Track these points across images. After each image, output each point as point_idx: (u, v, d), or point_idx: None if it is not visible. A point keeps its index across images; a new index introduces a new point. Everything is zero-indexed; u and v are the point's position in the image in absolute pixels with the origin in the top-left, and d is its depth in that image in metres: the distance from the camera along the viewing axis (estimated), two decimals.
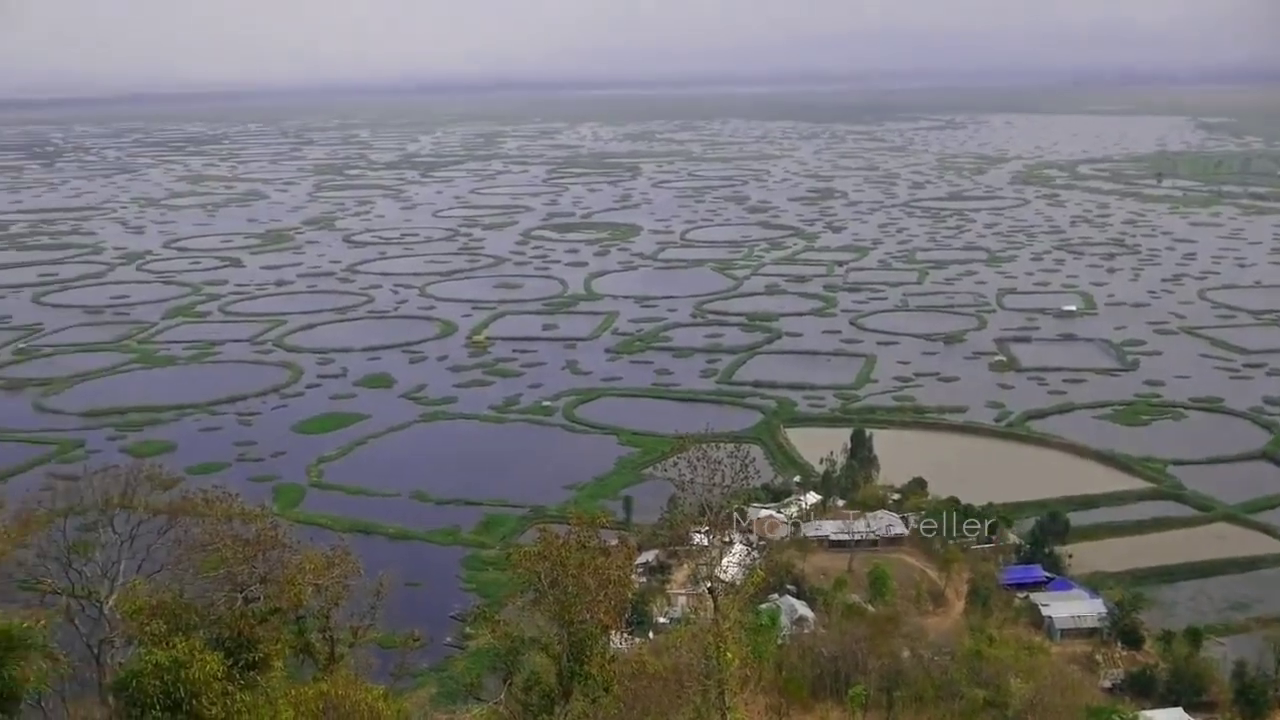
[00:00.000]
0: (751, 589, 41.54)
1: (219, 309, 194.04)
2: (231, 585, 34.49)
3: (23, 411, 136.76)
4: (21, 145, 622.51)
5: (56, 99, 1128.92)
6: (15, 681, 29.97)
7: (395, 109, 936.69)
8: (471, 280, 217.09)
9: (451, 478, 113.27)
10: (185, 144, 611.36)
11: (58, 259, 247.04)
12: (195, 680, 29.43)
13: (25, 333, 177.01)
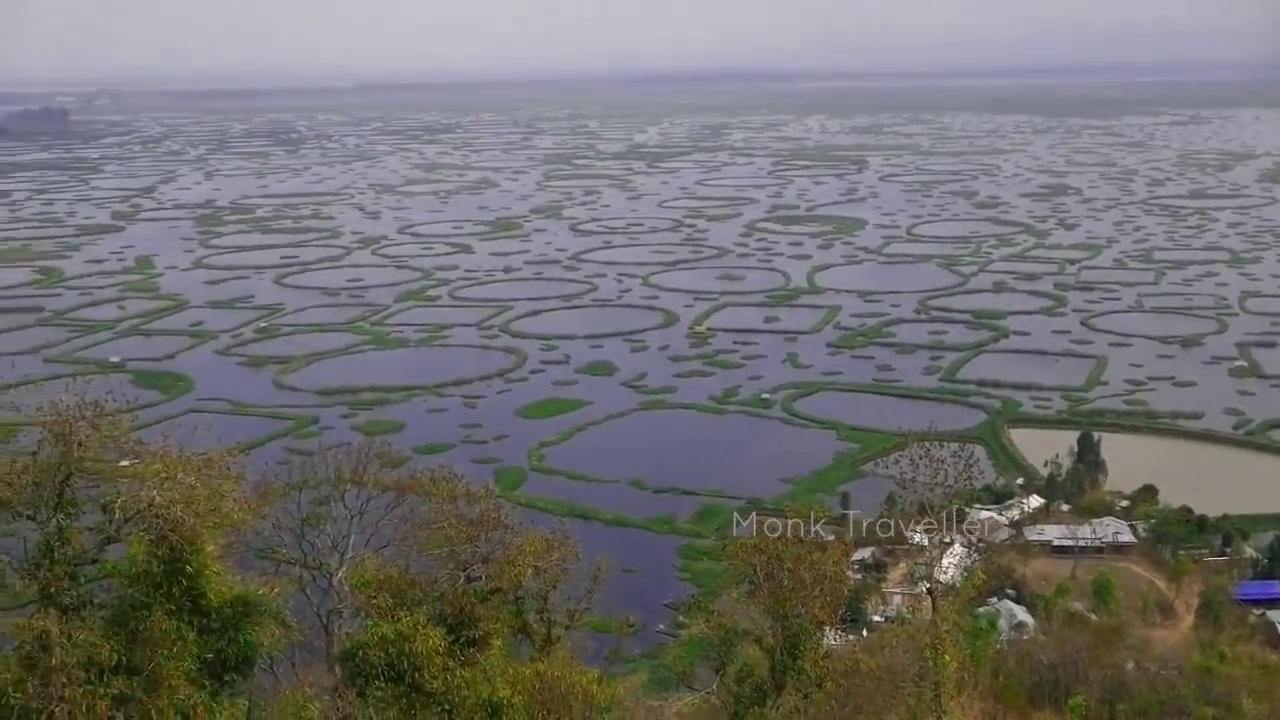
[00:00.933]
0: (970, 591, 40.59)
1: (448, 294, 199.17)
2: (455, 563, 35.28)
3: (264, 387, 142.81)
4: (269, 133, 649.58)
5: (303, 88, 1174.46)
6: (251, 645, 31.15)
7: (624, 100, 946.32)
8: (694, 271, 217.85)
9: (669, 466, 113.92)
10: (421, 133, 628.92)
11: (299, 242, 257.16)
12: (418, 654, 30.22)
13: (267, 312, 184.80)
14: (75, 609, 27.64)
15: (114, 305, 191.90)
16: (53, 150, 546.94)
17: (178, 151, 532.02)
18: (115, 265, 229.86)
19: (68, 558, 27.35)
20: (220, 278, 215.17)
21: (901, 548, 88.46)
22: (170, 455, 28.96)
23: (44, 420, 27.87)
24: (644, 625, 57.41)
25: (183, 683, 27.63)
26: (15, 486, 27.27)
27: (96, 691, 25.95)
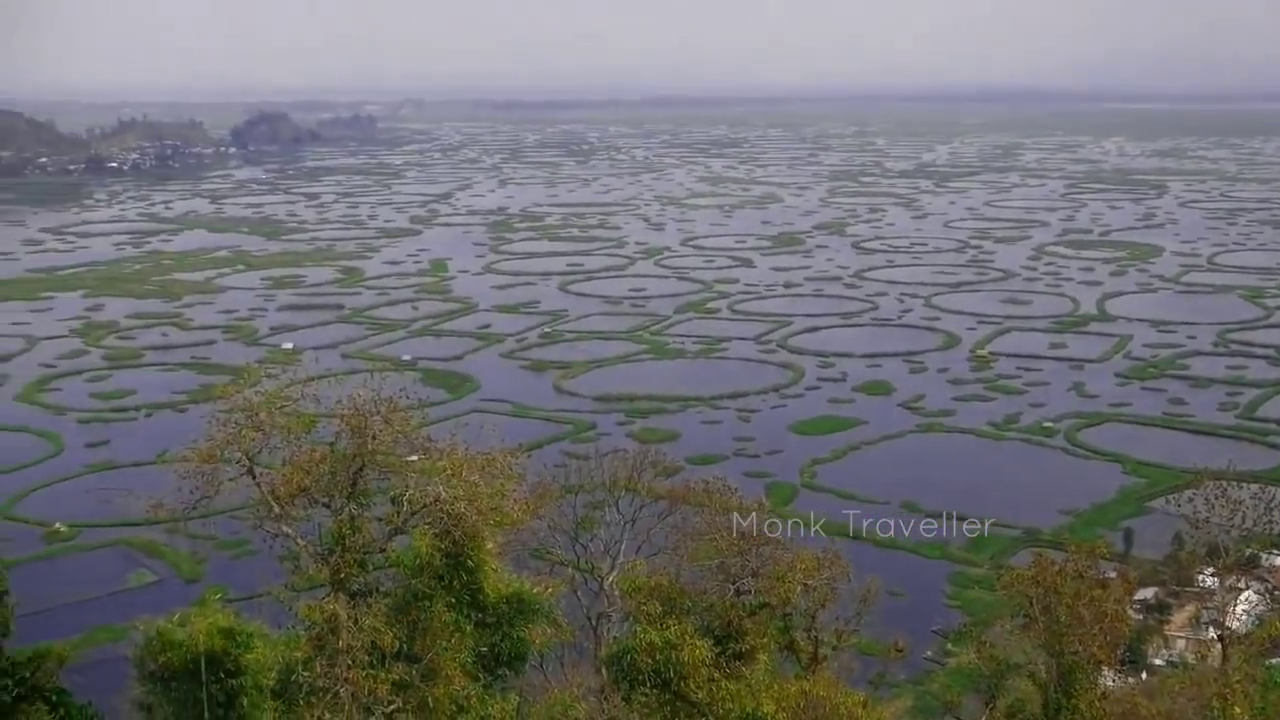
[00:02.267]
0: (1265, 641, 38.50)
1: (728, 307, 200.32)
2: (724, 575, 35.47)
3: (544, 391, 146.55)
4: (561, 143, 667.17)
5: (595, 100, 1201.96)
6: (523, 642, 32.07)
7: (913, 117, 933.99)
8: (978, 293, 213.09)
9: (943, 491, 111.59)
10: (708, 146, 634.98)
11: (585, 251, 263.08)
12: (684, 663, 30.46)
13: (551, 318, 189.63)
14: (362, 595, 28.93)
15: (408, 305, 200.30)
16: (359, 156, 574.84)
17: (474, 160, 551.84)
18: (411, 267, 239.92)
19: (358, 546, 28.65)
20: (508, 283, 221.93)
21: (1189, 590, 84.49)
22: (456, 453, 29.99)
23: (342, 413, 29.29)
24: (911, 650, 56.51)
25: (458, 674, 28.58)
26: (314, 475, 28.72)
27: (378, 676, 27.08)
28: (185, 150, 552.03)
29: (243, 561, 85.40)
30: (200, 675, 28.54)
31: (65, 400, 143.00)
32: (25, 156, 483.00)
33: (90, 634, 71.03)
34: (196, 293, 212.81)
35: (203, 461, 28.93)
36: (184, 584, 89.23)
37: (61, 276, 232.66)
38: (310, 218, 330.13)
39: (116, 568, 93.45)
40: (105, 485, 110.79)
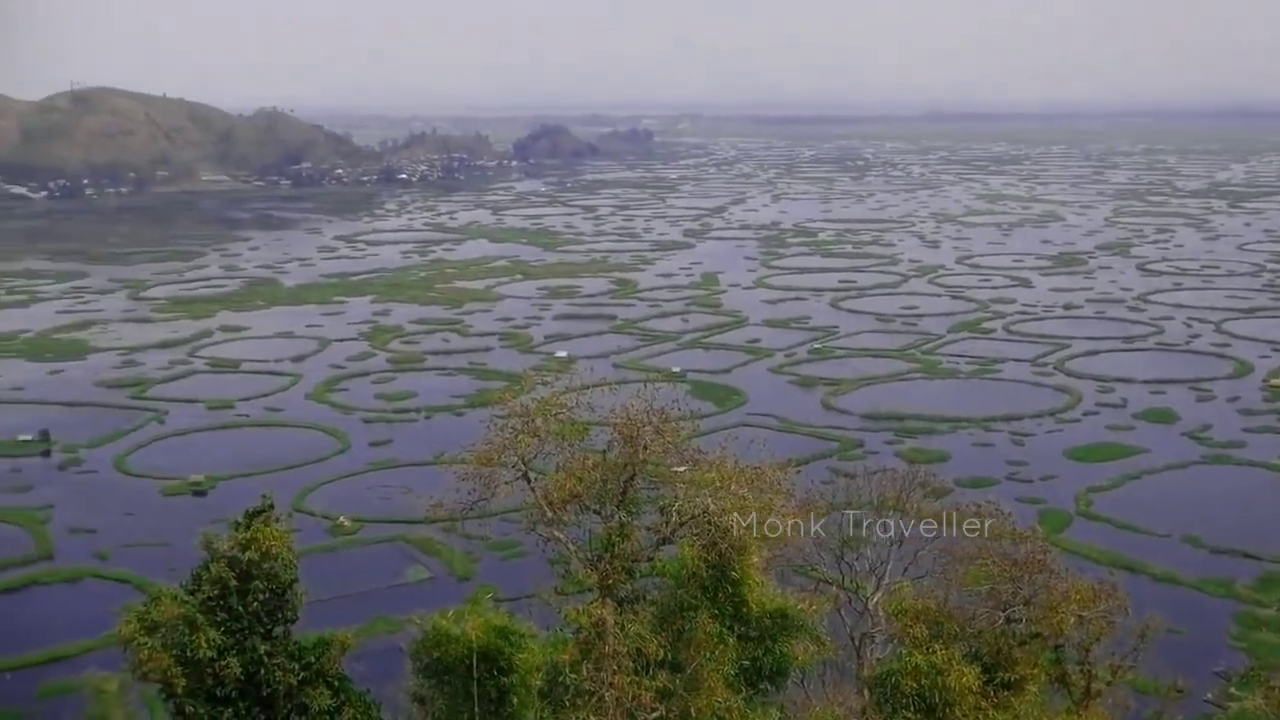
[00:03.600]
0: None
1: (1003, 327, 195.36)
2: (995, 602, 34.59)
3: (812, 407, 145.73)
4: (835, 159, 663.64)
5: (870, 116, 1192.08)
6: (786, 657, 31.96)
7: (1205, 134, 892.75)
8: (1275, 319, 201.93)
9: (1230, 526, 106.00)
10: (987, 163, 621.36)
11: (857, 267, 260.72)
12: (951, 689, 29.85)
13: (821, 334, 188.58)
14: (629, 602, 29.36)
15: (679, 318, 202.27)
16: (636, 170, 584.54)
17: (748, 174, 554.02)
18: (683, 280, 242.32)
19: (626, 553, 29.11)
20: (779, 297, 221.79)
21: None
22: (726, 465, 30.12)
23: (615, 422, 29.79)
24: (1192, 692, 53.94)
25: (721, 685, 28.66)
26: (586, 482, 29.33)
27: (642, 682, 27.37)
28: (470, 163, 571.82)
29: (512, 563, 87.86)
30: (473, 671, 29.44)
31: (352, 400, 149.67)
32: (324, 168, 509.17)
33: (369, 624, 73.93)
34: (476, 300, 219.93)
35: (481, 464, 29.89)
36: (456, 582, 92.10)
37: (353, 282, 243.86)
38: (587, 230, 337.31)
39: (394, 562, 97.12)
40: (386, 483, 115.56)
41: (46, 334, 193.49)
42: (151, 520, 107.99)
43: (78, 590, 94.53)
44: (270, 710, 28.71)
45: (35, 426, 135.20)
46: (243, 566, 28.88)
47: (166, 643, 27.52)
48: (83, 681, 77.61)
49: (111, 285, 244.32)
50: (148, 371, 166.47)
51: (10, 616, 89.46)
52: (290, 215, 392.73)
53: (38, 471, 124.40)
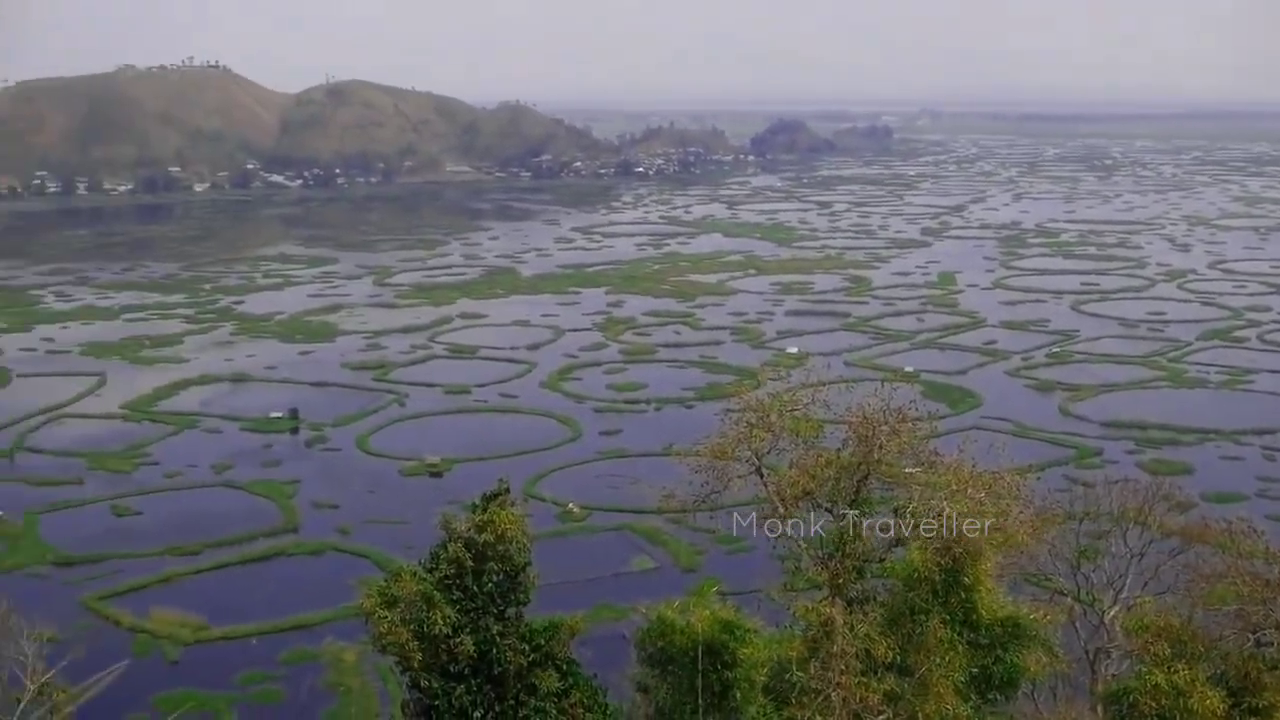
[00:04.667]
0: None
1: (1258, 336, 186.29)
2: (1243, 624, 33.03)
3: (1049, 412, 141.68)
4: (1081, 158, 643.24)
5: (1122, 114, 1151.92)
6: (1016, 668, 31.16)
7: None
8: None
9: None
10: (1245, 164, 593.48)
11: (1101, 270, 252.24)
12: (1193, 711, 28.65)
13: (1061, 338, 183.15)
14: (859, 602, 29.05)
15: (913, 317, 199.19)
16: (874, 166, 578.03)
17: (989, 173, 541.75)
18: (918, 279, 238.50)
19: (857, 553, 28.82)
20: (1017, 299, 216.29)
21: None
22: (962, 469, 29.53)
23: (850, 421, 29.49)
24: None
25: (950, 692, 28.12)
26: (818, 480, 29.12)
27: (869, 684, 27.06)
28: (707, 157, 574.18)
29: (738, 557, 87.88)
30: (697, 663, 29.57)
31: (585, 389, 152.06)
32: (564, 160, 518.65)
33: (595, 611, 74.99)
34: (709, 294, 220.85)
35: (714, 457, 29.99)
36: (681, 573, 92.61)
37: (588, 273, 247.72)
38: (821, 226, 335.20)
39: (621, 551, 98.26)
40: (615, 472, 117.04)
41: (298, 317, 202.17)
42: (390, 498, 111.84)
43: (320, 562, 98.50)
44: (500, 689, 29.36)
45: (285, 405, 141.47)
46: (479, 548, 29.60)
47: (405, 618, 28.42)
48: (323, 650, 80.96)
49: (359, 271, 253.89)
50: (390, 355, 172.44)
51: (258, 585, 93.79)
52: (529, 206, 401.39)
53: (287, 448, 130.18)
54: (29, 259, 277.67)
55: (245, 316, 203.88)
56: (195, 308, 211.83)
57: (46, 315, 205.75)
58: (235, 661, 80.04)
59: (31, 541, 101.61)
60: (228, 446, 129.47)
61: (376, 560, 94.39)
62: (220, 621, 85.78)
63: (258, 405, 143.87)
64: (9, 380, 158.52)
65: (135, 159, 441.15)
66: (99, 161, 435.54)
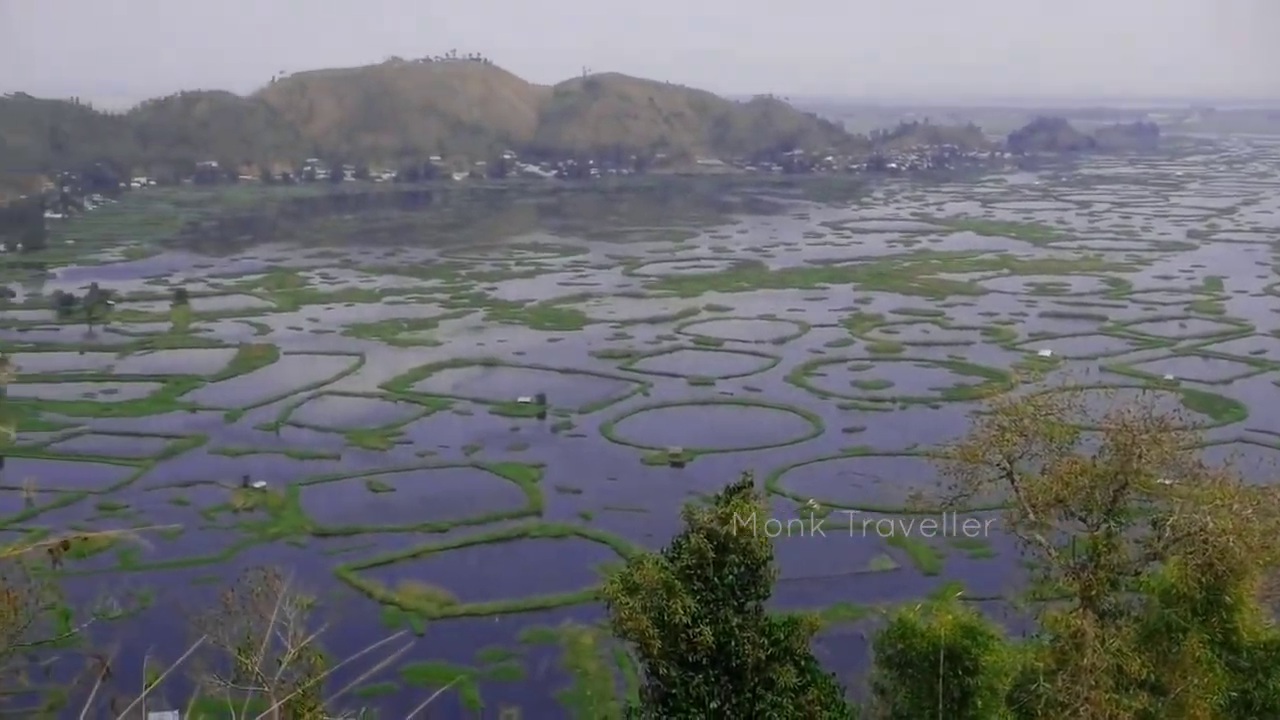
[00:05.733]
0: None
1: None
2: None
3: None
4: None
5: None
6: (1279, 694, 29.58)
7: None
8: None
9: None
10: None
11: None
12: None
13: None
14: (1111, 616, 28.00)
15: (1175, 323, 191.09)
16: (1138, 165, 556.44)
17: (1264, 174, 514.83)
18: (1183, 284, 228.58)
19: (1112, 565, 27.76)
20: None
21: None
22: (1227, 483, 28.16)
23: (1108, 428, 28.43)
24: None
25: (1207, 715, 26.86)
26: (1072, 487, 28.16)
27: (1121, 701, 26.08)
28: (961, 154, 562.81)
29: (981, 562, 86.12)
30: (938, 668, 28.96)
31: (829, 385, 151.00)
32: (815, 155, 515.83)
33: (832, 609, 74.41)
34: (959, 293, 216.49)
35: (965, 459, 29.34)
36: (921, 575, 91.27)
37: (836, 269, 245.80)
38: (1080, 226, 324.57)
39: (859, 550, 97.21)
40: (857, 470, 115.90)
41: (548, 304, 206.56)
42: (632, 486, 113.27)
43: (561, 546, 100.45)
44: (738, 681, 29.34)
45: (533, 390, 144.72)
46: (720, 539, 29.64)
47: (645, 605, 28.65)
48: (561, 632, 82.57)
49: (609, 261, 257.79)
50: (636, 344, 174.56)
51: (502, 565, 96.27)
52: (779, 200, 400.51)
53: (533, 432, 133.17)
54: (299, 242, 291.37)
55: (498, 303, 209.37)
56: (451, 293, 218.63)
57: (313, 296, 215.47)
58: (478, 638, 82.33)
59: (292, 512, 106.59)
60: (477, 429, 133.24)
61: (616, 546, 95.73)
62: (465, 598, 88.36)
63: (507, 390, 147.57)
64: (277, 357, 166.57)
65: (399, 148, 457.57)
66: (366, 150, 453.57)
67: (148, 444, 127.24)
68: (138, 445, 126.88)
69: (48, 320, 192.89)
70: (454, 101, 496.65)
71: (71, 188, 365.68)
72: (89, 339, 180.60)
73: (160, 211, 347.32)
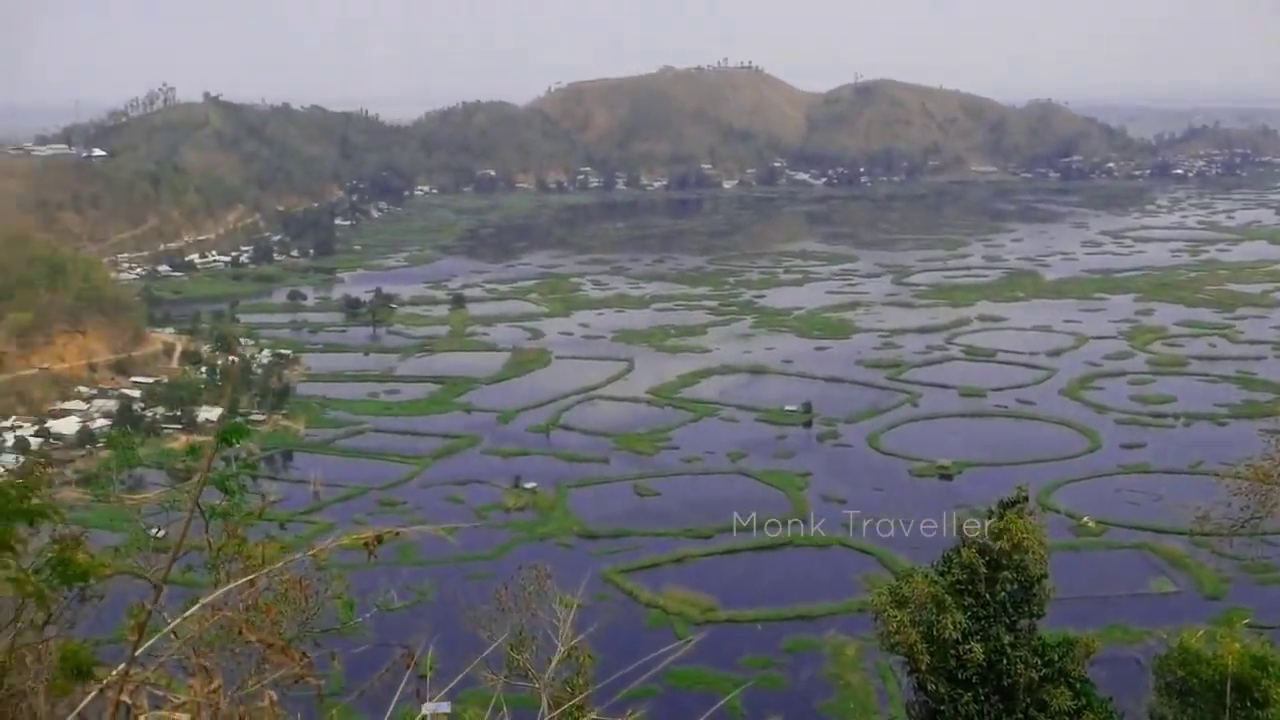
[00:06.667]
0: None
1: None
2: None
3: None
4: None
5: None
6: None
7: None
8: None
9: None
10: None
11: None
12: None
13: None
14: None
15: None
16: None
17: None
18: None
19: None
20: None
21: None
22: None
23: None
24: None
25: None
26: None
27: None
28: (1254, 159, 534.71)
29: (1271, 588, 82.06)
30: (1224, 699, 27.62)
31: (1106, 400, 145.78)
32: (1095, 161, 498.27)
33: (1107, 630, 71.77)
34: (1250, 305, 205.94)
35: (1258, 480, 27.87)
36: (1204, 599, 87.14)
37: (1116, 279, 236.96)
38: None
39: (1137, 571, 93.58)
40: (1135, 488, 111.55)
41: (816, 313, 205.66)
42: (898, 498, 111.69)
43: (825, 556, 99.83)
44: (1009, 701, 28.64)
45: (800, 398, 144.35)
46: (993, 555, 29.01)
47: (914, 619, 28.27)
48: (824, 642, 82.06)
49: (877, 270, 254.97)
50: (905, 354, 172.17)
51: (765, 572, 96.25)
52: (1056, 208, 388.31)
53: (799, 440, 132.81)
54: (572, 249, 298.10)
55: (765, 310, 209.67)
56: (719, 300, 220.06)
57: (584, 302, 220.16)
58: (740, 644, 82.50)
59: (561, 513, 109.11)
60: (743, 435, 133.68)
61: (882, 558, 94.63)
62: (729, 604, 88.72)
63: (773, 397, 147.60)
64: (549, 361, 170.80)
65: (670, 155, 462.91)
66: (637, 157, 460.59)
67: (425, 443, 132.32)
68: (416, 444, 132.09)
69: (336, 322, 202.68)
70: (725, 109, 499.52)
71: (359, 196, 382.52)
72: (373, 341, 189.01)
73: (441, 218, 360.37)
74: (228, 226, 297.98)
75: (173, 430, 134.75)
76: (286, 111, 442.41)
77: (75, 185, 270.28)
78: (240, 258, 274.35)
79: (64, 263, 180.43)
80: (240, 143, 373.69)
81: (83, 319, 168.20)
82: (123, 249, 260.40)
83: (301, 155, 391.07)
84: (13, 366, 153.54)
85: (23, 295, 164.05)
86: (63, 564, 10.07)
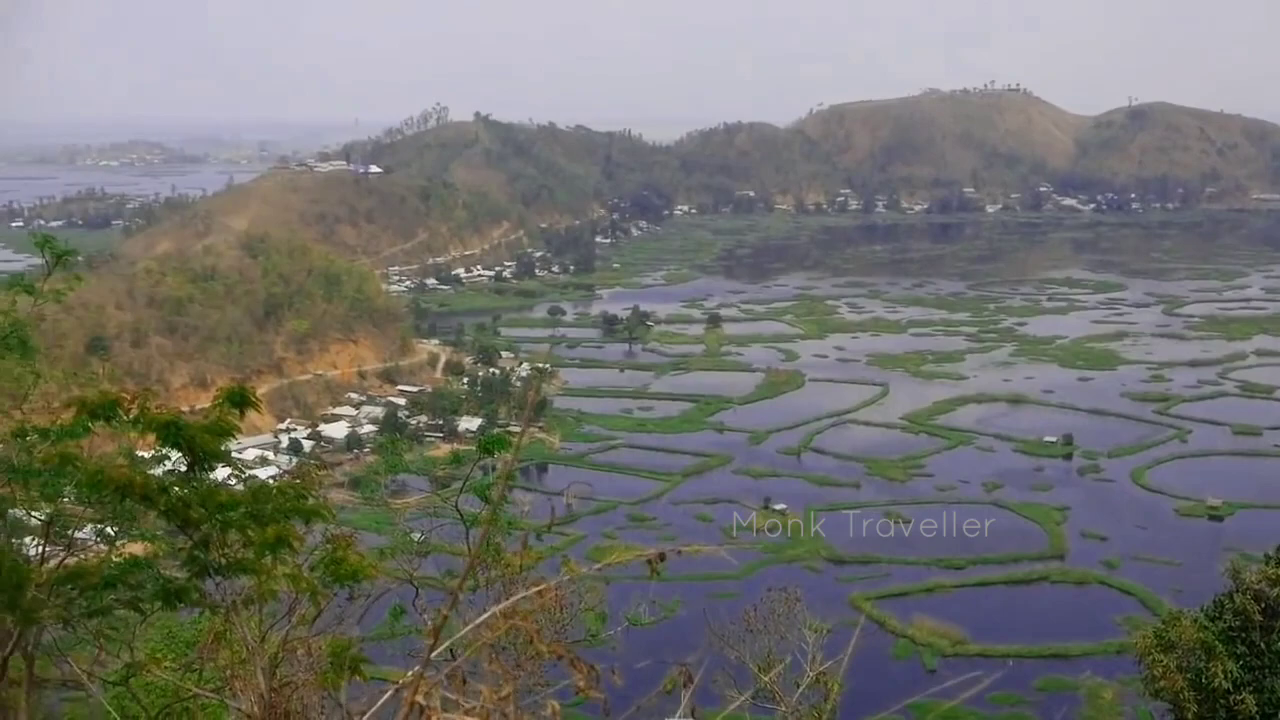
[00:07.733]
0: None
1: None
2: None
3: None
4: None
5: None
6: None
7: None
8: None
9: None
10: None
11: None
12: None
13: None
14: None
15: None
16: None
17: None
18: None
19: None
20: None
21: None
22: None
23: None
24: None
25: None
26: None
27: None
28: None
29: None
30: None
31: None
32: None
33: None
34: None
35: None
36: None
37: None
38: None
39: None
40: None
41: (1080, 342, 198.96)
42: (1163, 537, 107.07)
43: (1083, 593, 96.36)
44: None
45: (1060, 430, 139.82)
46: (1269, 602, 27.33)
47: (1181, 665, 26.85)
48: (1080, 683, 79.07)
49: (1147, 299, 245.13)
50: (1174, 388, 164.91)
51: (1019, 607, 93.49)
52: None
53: (1058, 473, 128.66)
54: (829, 271, 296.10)
55: (1026, 338, 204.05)
56: (978, 326, 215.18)
57: (839, 325, 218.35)
58: (989, 680, 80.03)
59: (810, 536, 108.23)
60: (999, 466, 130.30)
61: (1143, 599, 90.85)
62: (979, 638, 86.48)
63: (1032, 428, 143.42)
64: (803, 383, 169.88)
65: (932, 179, 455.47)
66: (898, 180, 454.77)
67: (676, 460, 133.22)
68: (667, 461, 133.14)
69: (593, 338, 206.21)
70: (989, 132, 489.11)
71: (620, 214, 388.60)
72: (629, 357, 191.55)
73: (699, 238, 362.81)
74: (492, 242, 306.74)
75: (434, 438, 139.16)
76: (552, 130, 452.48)
77: (352, 199, 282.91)
78: (503, 273, 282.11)
79: (340, 274, 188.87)
80: (507, 161, 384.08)
81: (355, 328, 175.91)
82: (394, 262, 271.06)
83: (565, 173, 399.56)
84: (290, 372, 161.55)
85: (301, 304, 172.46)
86: (335, 563, 10.41)
